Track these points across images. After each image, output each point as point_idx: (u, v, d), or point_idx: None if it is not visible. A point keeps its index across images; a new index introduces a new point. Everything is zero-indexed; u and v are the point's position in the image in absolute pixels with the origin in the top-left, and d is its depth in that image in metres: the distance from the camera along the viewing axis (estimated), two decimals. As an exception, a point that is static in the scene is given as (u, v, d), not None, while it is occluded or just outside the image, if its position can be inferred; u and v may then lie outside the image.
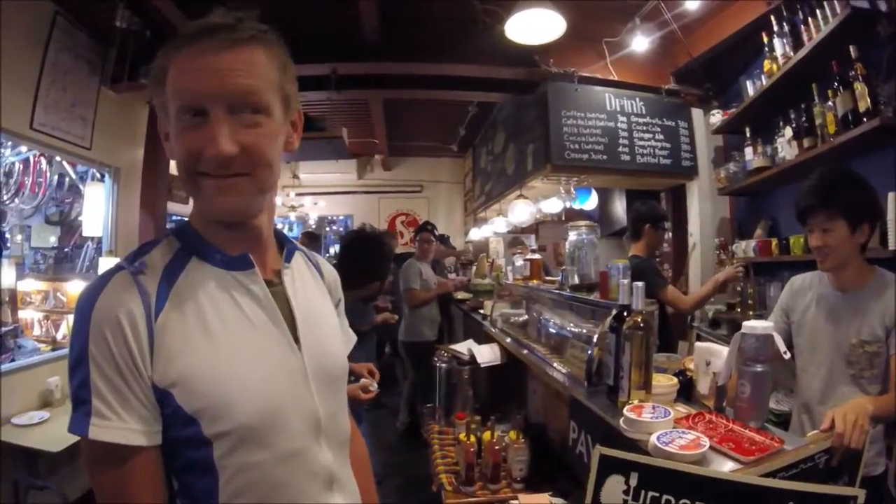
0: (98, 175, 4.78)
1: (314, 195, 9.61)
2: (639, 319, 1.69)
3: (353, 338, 1.32)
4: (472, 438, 2.69)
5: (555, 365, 2.48)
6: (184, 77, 0.91)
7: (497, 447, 2.55)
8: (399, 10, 4.47)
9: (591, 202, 6.55)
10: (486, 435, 2.68)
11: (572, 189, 5.33)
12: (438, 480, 2.65)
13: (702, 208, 5.01)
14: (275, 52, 0.99)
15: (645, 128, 4.98)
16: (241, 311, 0.97)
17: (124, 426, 0.85)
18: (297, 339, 1.02)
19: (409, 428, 5.70)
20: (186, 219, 1.05)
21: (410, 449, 5.21)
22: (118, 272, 0.91)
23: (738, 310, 3.92)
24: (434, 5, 4.49)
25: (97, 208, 4.65)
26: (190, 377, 0.88)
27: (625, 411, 1.55)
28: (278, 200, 8.99)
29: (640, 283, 1.75)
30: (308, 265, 1.21)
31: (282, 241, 1.13)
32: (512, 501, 2.22)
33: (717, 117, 4.67)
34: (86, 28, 4.16)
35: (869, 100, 2.81)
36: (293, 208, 9.39)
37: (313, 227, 10.41)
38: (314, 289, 1.17)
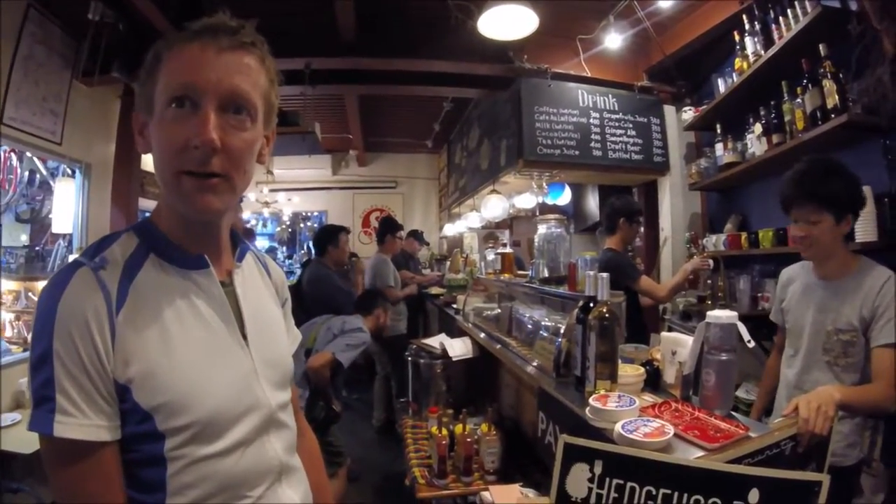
0: (69, 171, 4.68)
1: (288, 191, 9.52)
2: (604, 310, 1.70)
3: (299, 337, 1.37)
4: (445, 432, 2.70)
5: (525, 357, 2.50)
6: (181, 69, 0.93)
7: (469, 440, 2.57)
8: (375, 5, 4.45)
9: (564, 197, 6.58)
10: (459, 428, 2.69)
11: (544, 184, 5.36)
12: (412, 474, 2.67)
13: (673, 203, 5.08)
14: (267, 63, 1.02)
15: (617, 124, 5.02)
16: (197, 309, 0.99)
17: (89, 422, 0.86)
18: (244, 337, 1.05)
19: (384, 424, 5.70)
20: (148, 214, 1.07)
21: (386, 445, 5.21)
22: (79, 268, 0.91)
23: (709, 302, 3.97)
24: (409, 1, 4.48)
25: (67, 205, 4.56)
26: (148, 374, 0.90)
27: (590, 401, 1.56)
28: (251, 196, 8.93)
29: (604, 275, 1.77)
30: (258, 265, 1.23)
31: (235, 240, 1.15)
32: (482, 492, 2.21)
33: (689, 114, 4.73)
34: (59, 21, 4.08)
35: (837, 97, 2.86)
36: (267, 204, 9.29)
37: (287, 222, 10.35)
38: (262, 289, 1.20)
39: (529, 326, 2.76)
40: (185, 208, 0.97)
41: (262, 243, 10.35)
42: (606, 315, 1.70)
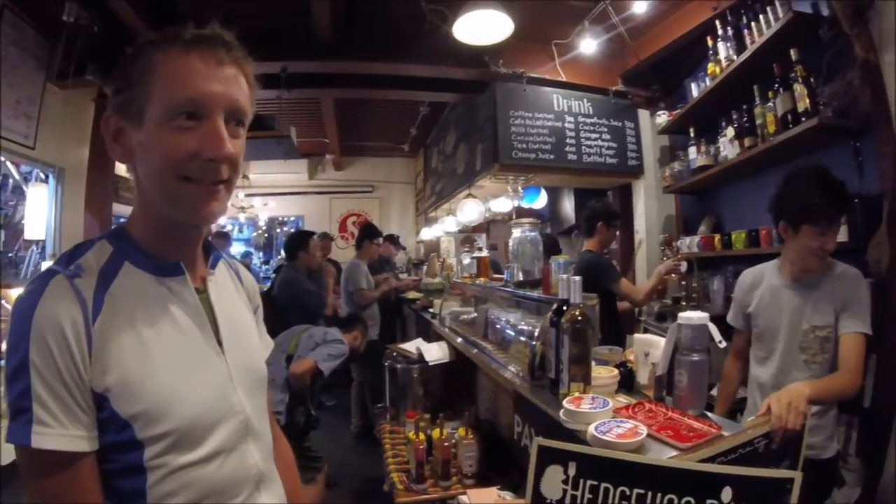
0: (42, 175, 4.60)
1: (264, 196, 9.48)
2: (577, 313, 1.72)
3: (271, 344, 1.36)
4: (422, 436, 2.69)
5: (501, 361, 2.50)
6: (184, 80, 0.93)
7: (446, 444, 2.56)
8: (351, 9, 4.46)
9: (540, 201, 6.63)
10: (436, 433, 2.68)
11: (520, 188, 5.38)
12: (390, 480, 2.65)
13: (648, 206, 5.14)
14: (251, 75, 1.05)
15: (592, 128, 5.07)
16: (172, 316, 0.99)
17: (67, 433, 0.85)
18: (220, 344, 1.05)
19: (362, 430, 5.69)
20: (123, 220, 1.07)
21: (365, 451, 5.19)
22: (54, 276, 0.91)
23: (684, 303, 4.02)
24: (386, 5, 4.48)
25: (40, 210, 4.48)
26: (126, 382, 0.89)
27: (564, 403, 1.57)
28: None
29: (577, 278, 1.79)
30: (229, 272, 1.23)
31: (207, 247, 1.15)
32: (461, 497, 2.22)
33: (663, 118, 4.80)
34: (33, 22, 4.00)
35: (808, 100, 2.92)
36: (243, 209, 9.25)
37: (263, 227, 10.28)
38: (235, 296, 1.20)
39: (505, 330, 2.77)
40: (186, 215, 0.99)
41: (238, 248, 10.25)
42: (579, 318, 1.71)
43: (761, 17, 3.26)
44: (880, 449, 2.51)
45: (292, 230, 9.73)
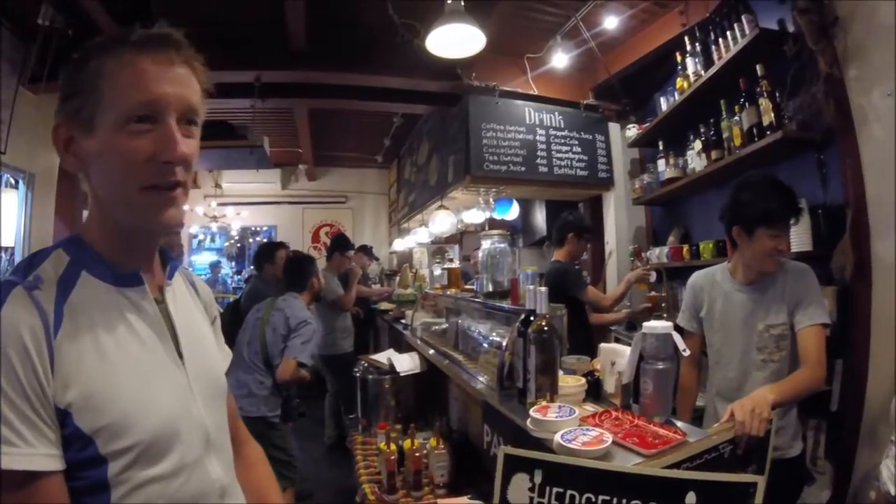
0: (12, 181, 4.51)
1: (237, 205, 9.41)
2: (543, 323, 1.75)
3: (229, 354, 1.33)
4: (393, 447, 2.70)
5: (471, 371, 2.53)
6: (137, 84, 0.91)
7: (418, 454, 2.57)
8: (326, 20, 4.46)
9: (512, 212, 6.67)
10: (407, 443, 2.69)
11: (491, 200, 5.42)
12: (362, 491, 2.65)
13: (618, 217, 5.21)
14: (202, 74, 1.02)
15: (563, 140, 5.14)
16: (132, 327, 0.97)
17: (34, 451, 0.82)
18: (180, 355, 1.03)
19: (336, 441, 5.65)
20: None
21: (338, 462, 5.16)
22: (13, 288, 0.87)
23: (654, 313, 4.07)
24: (361, 17, 4.49)
25: (10, 217, 4.40)
26: (88, 397, 0.86)
27: (531, 412, 1.60)
28: (199, 210, 8.77)
29: (543, 289, 1.82)
30: (185, 282, 1.21)
31: (164, 257, 1.13)
32: (431, 506, 2.23)
33: (633, 131, 4.86)
34: (8, 24, 3.94)
35: (773, 114, 3.00)
36: (215, 218, 9.16)
37: (235, 237, 10.19)
38: (192, 306, 1.18)
39: (475, 340, 2.79)
40: (145, 222, 0.97)
41: (209, 257, 10.14)
42: (545, 328, 1.74)
43: (729, 33, 3.33)
44: (849, 451, 2.57)
45: (264, 240, 9.67)
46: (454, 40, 3.43)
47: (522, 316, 1.86)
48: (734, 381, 2.30)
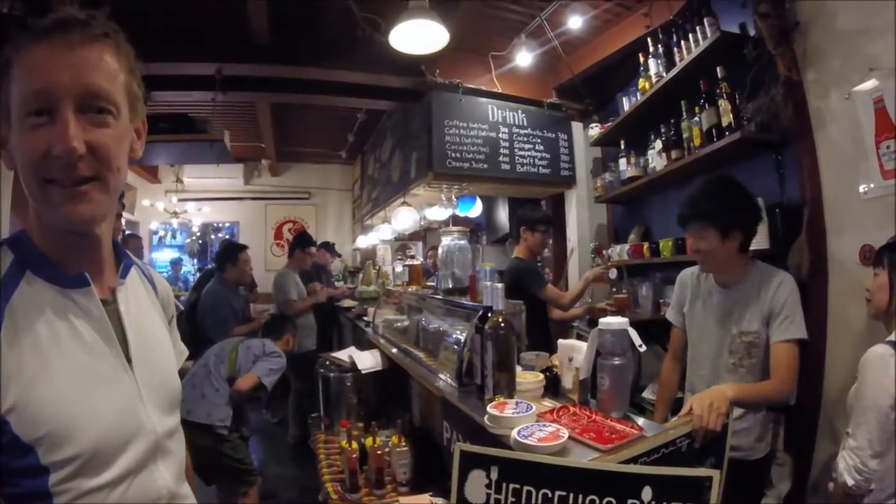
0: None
1: (198, 200, 9.26)
2: (499, 319, 1.76)
3: (184, 352, 1.31)
4: (355, 445, 2.69)
5: (431, 368, 2.53)
6: (33, 73, 0.87)
7: (380, 452, 2.57)
8: (289, 13, 4.40)
9: (475, 210, 6.68)
10: (369, 441, 2.69)
11: (454, 197, 5.44)
12: (325, 490, 2.64)
13: (580, 215, 5.27)
14: (124, 53, 0.97)
15: (526, 139, 5.16)
16: (77, 331, 0.93)
17: None
18: (129, 359, 0.99)
19: (299, 440, 5.61)
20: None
21: (302, 461, 5.11)
22: None
23: (615, 309, 4.12)
24: (324, 11, 4.45)
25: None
26: (26, 405, 0.83)
27: (488, 408, 1.60)
28: (160, 206, 8.61)
29: (499, 285, 1.83)
30: (143, 280, 1.17)
31: (119, 254, 1.09)
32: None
33: (595, 130, 4.93)
34: None
35: (732, 116, 3.06)
36: (175, 214, 9.00)
37: (197, 233, 10.03)
38: (148, 306, 1.14)
39: (436, 337, 2.80)
40: (57, 220, 0.92)
41: (169, 255, 9.95)
42: (502, 324, 1.75)
43: (691, 36, 3.39)
44: (808, 444, 2.65)
45: (226, 237, 9.54)
46: (418, 36, 3.42)
47: (480, 312, 1.87)
48: (705, 380, 2.34)
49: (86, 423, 0.88)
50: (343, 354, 3.56)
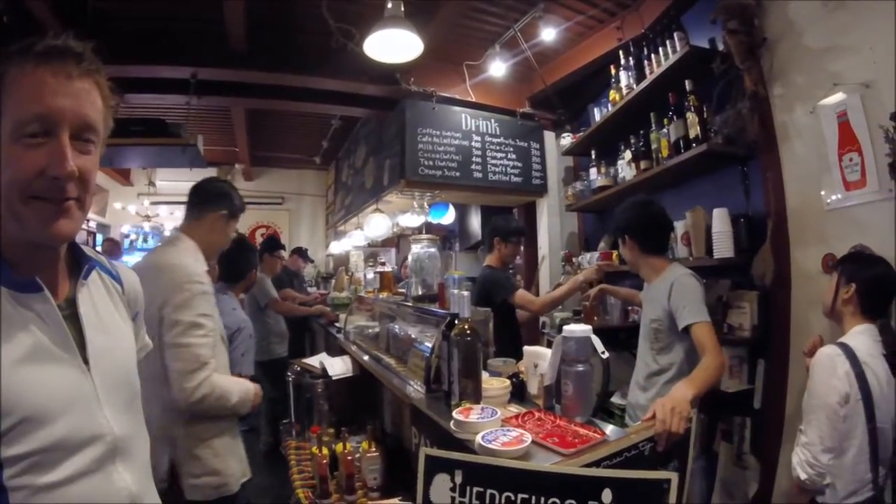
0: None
1: (170, 204, 9.14)
2: (465, 327, 1.79)
3: (149, 345, 1.33)
4: (326, 451, 2.69)
5: (400, 374, 2.55)
6: (33, 95, 0.91)
7: (350, 458, 2.57)
8: (265, 20, 4.42)
9: (448, 217, 6.71)
10: (340, 447, 2.69)
11: (426, 204, 5.47)
12: (296, 496, 2.64)
13: (551, 223, 5.34)
14: (105, 87, 1.02)
15: (498, 147, 5.22)
16: (32, 336, 0.94)
17: None
18: (86, 362, 1.00)
19: (272, 447, 5.56)
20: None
21: (274, 468, 5.07)
22: None
23: (584, 315, 4.16)
24: (300, 19, 4.46)
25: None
26: None
27: (454, 414, 1.63)
28: (132, 209, 8.51)
29: (465, 293, 1.86)
30: (107, 280, 1.18)
31: (79, 258, 1.10)
32: (364, 509, 2.24)
33: (567, 140, 4.99)
34: None
35: (699, 128, 3.14)
36: (148, 217, 8.90)
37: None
38: (110, 307, 1.16)
39: (406, 344, 2.82)
40: (34, 234, 0.95)
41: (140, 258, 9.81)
42: (468, 331, 1.78)
43: (661, 49, 3.47)
44: (772, 446, 2.74)
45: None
46: (393, 45, 3.44)
47: (447, 319, 1.90)
48: (642, 359, 2.69)
49: (40, 423, 0.90)
50: (314, 360, 3.55)
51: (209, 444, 2.18)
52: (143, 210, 8.75)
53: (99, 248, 6.92)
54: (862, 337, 2.00)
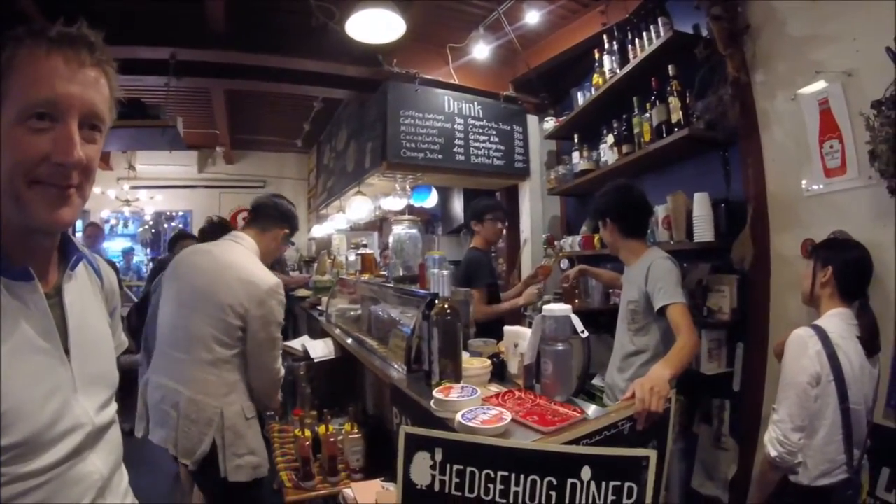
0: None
1: (150, 188, 9.06)
2: (445, 306, 1.79)
3: (124, 344, 1.33)
4: (308, 433, 2.70)
5: (381, 355, 2.56)
6: (44, 80, 0.90)
7: (332, 440, 2.58)
8: (245, 0, 4.36)
9: (431, 200, 6.70)
10: (322, 429, 2.70)
11: (408, 187, 5.45)
12: (279, 479, 2.64)
13: (533, 207, 5.35)
14: (113, 78, 1.01)
15: (481, 130, 5.20)
16: (16, 324, 0.94)
17: None
18: (67, 352, 1.00)
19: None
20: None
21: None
22: None
23: (563, 296, 4.18)
24: (281, -2, 4.42)
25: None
26: None
27: (434, 392, 1.65)
28: (111, 193, 8.40)
29: (445, 273, 1.87)
30: (90, 272, 1.18)
31: (67, 247, 1.10)
32: (344, 490, 2.24)
33: (550, 123, 4.99)
34: None
35: (681, 113, 3.15)
36: (127, 202, 8.79)
37: (150, 222, 9.83)
38: (92, 300, 1.16)
39: (388, 325, 2.82)
40: (34, 220, 0.94)
41: (121, 244, 9.70)
42: (448, 311, 1.79)
43: (645, 34, 3.46)
44: (752, 430, 2.77)
45: (180, 226, 9.37)
46: (375, 26, 3.42)
47: (428, 299, 1.91)
48: (619, 340, 2.77)
49: (20, 413, 0.89)
50: (296, 343, 3.56)
51: (251, 423, 2.33)
52: (123, 195, 8.64)
53: (80, 234, 6.83)
54: (835, 319, 2.03)
